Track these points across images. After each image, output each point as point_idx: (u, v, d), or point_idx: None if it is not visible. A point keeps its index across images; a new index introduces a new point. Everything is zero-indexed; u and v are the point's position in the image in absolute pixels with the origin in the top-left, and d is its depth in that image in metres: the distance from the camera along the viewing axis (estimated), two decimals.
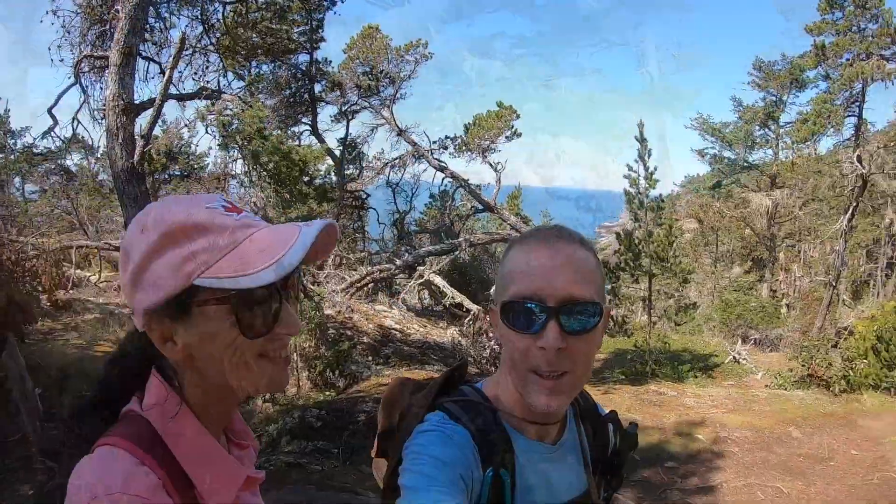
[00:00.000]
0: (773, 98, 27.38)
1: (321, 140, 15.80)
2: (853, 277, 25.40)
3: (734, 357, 14.79)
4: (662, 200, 15.31)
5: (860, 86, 19.99)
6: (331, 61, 15.61)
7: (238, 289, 0.94)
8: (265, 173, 11.28)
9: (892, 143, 21.56)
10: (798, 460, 8.15)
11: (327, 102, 15.80)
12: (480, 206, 16.25)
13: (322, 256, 1.11)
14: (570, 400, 1.21)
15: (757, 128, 28.06)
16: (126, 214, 6.44)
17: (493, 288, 1.32)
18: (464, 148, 16.49)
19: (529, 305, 1.13)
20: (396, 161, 16.84)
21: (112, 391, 1.07)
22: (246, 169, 12.19)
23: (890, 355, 11.12)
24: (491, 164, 16.23)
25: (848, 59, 20.09)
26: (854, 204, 20.58)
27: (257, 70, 14.56)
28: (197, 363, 1.02)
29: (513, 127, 16.47)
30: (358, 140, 16.89)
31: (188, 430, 1.03)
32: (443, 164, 15.85)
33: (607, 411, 1.44)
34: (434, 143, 16.44)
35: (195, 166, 18.68)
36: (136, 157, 5.99)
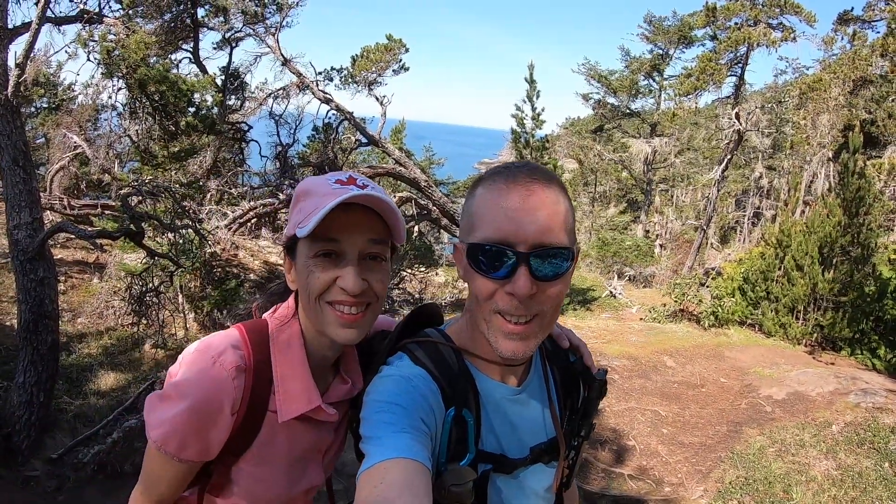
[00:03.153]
0: (661, 51, 28.15)
1: (202, 68, 14.52)
2: (722, 223, 27.11)
3: (611, 292, 15.34)
4: (547, 141, 15.44)
5: (745, 49, 20.84)
6: None
7: (296, 235, 1.20)
8: (149, 104, 10.25)
9: (768, 104, 22.75)
10: (673, 386, 8.48)
11: (210, 28, 14.43)
12: (364, 140, 15.59)
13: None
14: (538, 345, 1.16)
15: (642, 78, 28.84)
16: None
17: (461, 223, 1.20)
18: (350, 80, 15.79)
19: (498, 249, 1.07)
20: (280, 92, 15.87)
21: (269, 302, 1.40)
22: (129, 99, 11.01)
23: (755, 295, 11.82)
24: (377, 98, 15.63)
25: (736, 23, 20.83)
26: (729, 156, 21.71)
27: None
28: (301, 297, 1.28)
29: (401, 61, 15.86)
30: (241, 69, 15.81)
31: (292, 342, 1.29)
32: (328, 96, 15.04)
33: (574, 357, 1.40)
34: (319, 74, 15.57)
35: (64, 98, 16.89)
36: (10, 88, 5.13)
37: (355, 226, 1.19)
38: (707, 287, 13.60)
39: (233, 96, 15.79)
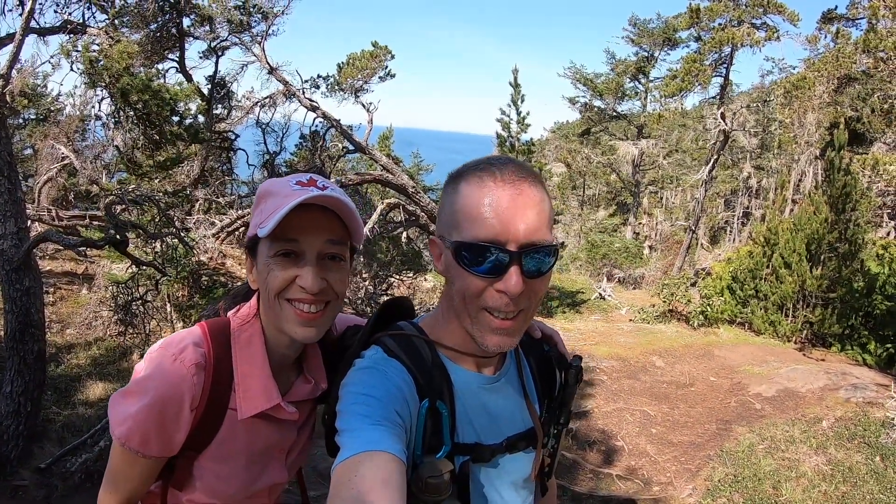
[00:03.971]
0: (646, 54, 28.24)
1: (188, 77, 14.38)
2: (711, 224, 27.21)
3: (600, 294, 15.36)
4: (533, 144, 15.46)
5: (729, 49, 20.94)
6: None
7: (257, 236, 1.23)
8: (133, 113, 10.22)
9: (754, 104, 22.86)
10: (662, 386, 8.50)
11: (196, 38, 14.32)
12: (352, 147, 15.47)
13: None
14: (521, 337, 1.18)
15: (628, 80, 28.95)
16: None
17: (440, 217, 1.20)
18: (336, 88, 15.67)
19: (488, 248, 1.07)
20: (267, 100, 15.68)
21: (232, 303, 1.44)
22: (113, 109, 10.96)
23: (744, 294, 11.87)
24: (363, 105, 15.51)
25: (720, 24, 20.94)
26: (716, 157, 21.79)
27: (122, 1, 12.89)
28: (262, 295, 1.30)
29: (387, 67, 15.74)
30: (227, 78, 15.69)
31: (253, 340, 1.32)
32: (314, 104, 14.93)
33: (548, 346, 1.41)
34: (306, 82, 15.42)
35: (52, 109, 16.84)
36: None
37: (314, 226, 1.23)
38: (696, 287, 13.65)
39: (219, 105, 15.71)
